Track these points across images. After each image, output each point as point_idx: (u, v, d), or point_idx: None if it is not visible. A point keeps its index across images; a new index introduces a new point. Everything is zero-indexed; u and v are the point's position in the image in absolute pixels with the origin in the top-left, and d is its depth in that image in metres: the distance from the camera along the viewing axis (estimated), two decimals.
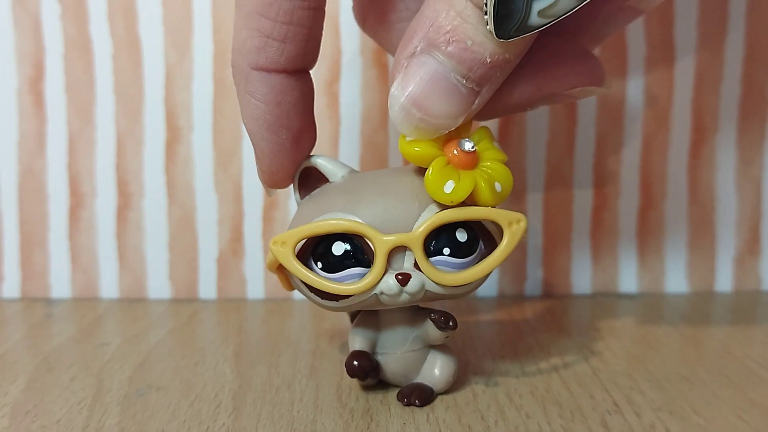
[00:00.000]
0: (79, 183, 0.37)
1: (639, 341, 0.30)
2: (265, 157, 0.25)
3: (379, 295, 0.23)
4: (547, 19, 0.20)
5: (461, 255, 0.23)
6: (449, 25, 0.21)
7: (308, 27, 0.23)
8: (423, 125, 0.22)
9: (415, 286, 0.23)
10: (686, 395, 0.25)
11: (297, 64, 0.24)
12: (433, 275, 0.23)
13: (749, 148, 0.37)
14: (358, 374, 0.24)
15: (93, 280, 0.37)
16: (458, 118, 0.22)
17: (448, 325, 0.24)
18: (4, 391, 0.26)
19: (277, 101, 0.24)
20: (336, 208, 0.24)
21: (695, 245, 0.37)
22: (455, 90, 0.21)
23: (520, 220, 0.23)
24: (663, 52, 0.36)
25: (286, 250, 0.23)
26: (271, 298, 0.37)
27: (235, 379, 0.27)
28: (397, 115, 0.22)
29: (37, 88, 0.36)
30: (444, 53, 0.21)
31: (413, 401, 0.24)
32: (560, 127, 0.36)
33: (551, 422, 0.23)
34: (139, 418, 0.24)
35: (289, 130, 0.24)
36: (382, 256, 0.23)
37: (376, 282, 0.23)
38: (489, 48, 0.21)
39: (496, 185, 0.23)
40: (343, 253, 0.23)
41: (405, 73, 0.21)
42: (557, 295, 0.37)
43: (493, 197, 0.23)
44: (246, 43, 0.23)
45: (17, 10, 0.36)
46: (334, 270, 0.23)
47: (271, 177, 0.25)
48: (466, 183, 0.23)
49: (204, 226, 0.37)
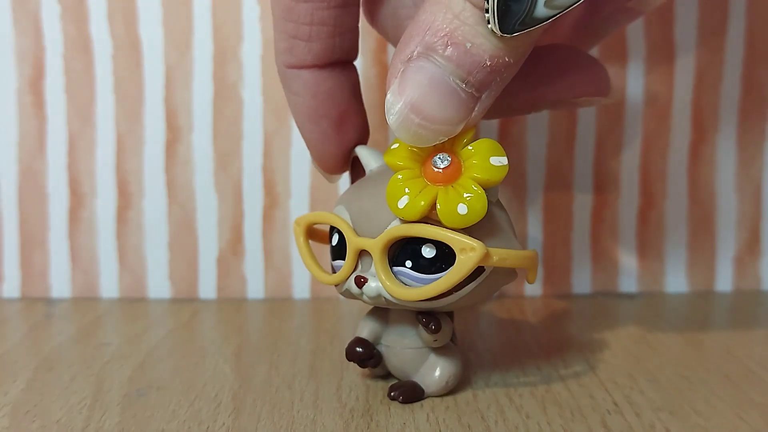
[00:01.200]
0: (79, 183, 0.37)
1: (639, 341, 0.30)
2: (312, 145, 0.27)
3: (352, 291, 0.24)
4: (553, 11, 0.19)
5: (424, 271, 0.23)
6: (447, 27, 0.20)
7: (332, 25, 0.24)
8: (422, 131, 0.21)
9: (371, 291, 0.23)
10: (686, 395, 0.25)
11: (326, 59, 0.25)
12: (386, 285, 0.23)
13: (749, 148, 0.37)
14: (355, 360, 0.25)
15: (93, 280, 0.37)
16: (458, 124, 0.21)
17: (428, 327, 0.24)
18: (4, 391, 0.26)
19: (312, 93, 0.25)
20: (342, 200, 0.25)
21: (695, 245, 0.37)
22: (455, 94, 0.21)
23: (474, 248, 0.22)
24: (663, 52, 0.36)
25: (299, 229, 0.26)
26: (271, 298, 0.37)
27: (235, 379, 0.27)
28: (394, 122, 0.21)
29: (37, 88, 0.36)
30: (442, 56, 0.20)
31: (397, 396, 0.24)
32: (560, 127, 0.36)
33: (551, 422, 0.23)
34: (139, 418, 0.24)
35: (329, 118, 0.26)
36: (351, 255, 0.24)
37: (344, 278, 0.24)
38: (489, 50, 0.20)
39: (459, 207, 0.22)
40: (336, 244, 0.25)
41: (402, 77, 0.21)
42: (557, 295, 0.37)
43: (453, 219, 0.22)
44: (278, 45, 0.25)
45: (17, 10, 0.36)
46: (334, 257, 0.25)
47: (323, 163, 0.27)
48: (422, 200, 0.22)
49: (204, 226, 0.37)
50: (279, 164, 0.36)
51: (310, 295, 0.37)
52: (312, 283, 0.37)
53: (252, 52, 0.36)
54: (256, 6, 0.36)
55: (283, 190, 0.37)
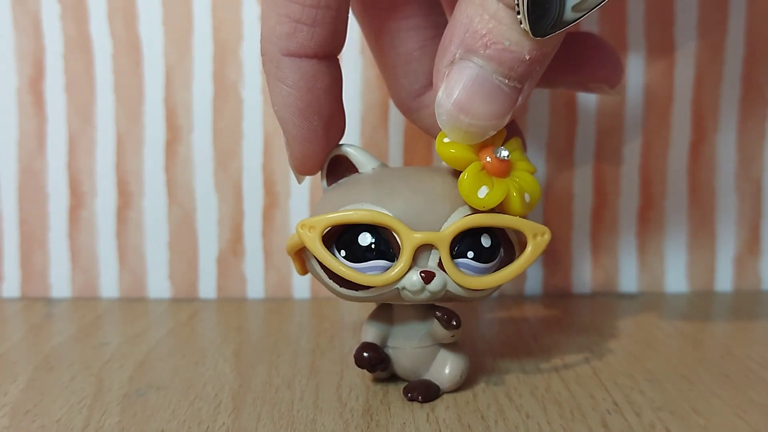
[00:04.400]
0: (79, 183, 0.37)
1: (639, 341, 0.30)
2: (296, 143, 0.25)
3: (401, 290, 0.23)
4: (581, 13, 0.20)
5: (483, 260, 0.24)
6: (484, 28, 0.21)
7: (335, 9, 0.24)
8: (472, 129, 0.22)
9: (437, 285, 0.23)
10: (686, 395, 0.25)
11: (327, 49, 0.24)
12: (456, 277, 0.23)
13: (749, 148, 0.37)
14: (365, 365, 0.25)
15: (93, 280, 0.37)
16: (505, 117, 0.22)
17: (451, 324, 0.24)
18: (4, 391, 0.26)
19: (309, 87, 0.24)
20: (366, 199, 0.24)
21: (695, 245, 0.37)
22: (499, 91, 0.22)
23: (544, 232, 0.24)
24: (663, 52, 0.36)
25: (313, 234, 0.23)
26: (271, 298, 0.37)
27: (235, 379, 0.27)
28: (445, 123, 0.22)
29: (37, 88, 0.36)
30: (483, 57, 0.21)
31: (416, 396, 0.24)
32: (560, 127, 0.36)
33: (551, 422, 0.23)
34: (139, 417, 0.24)
35: (321, 116, 0.25)
36: (409, 252, 0.23)
37: (401, 276, 0.23)
38: (527, 46, 0.21)
39: (525, 195, 0.23)
40: (368, 245, 0.24)
41: (447, 80, 0.22)
42: (557, 295, 0.37)
43: (522, 207, 0.23)
44: (275, 29, 0.23)
45: (17, 10, 0.36)
46: (358, 260, 0.24)
47: (302, 164, 0.26)
48: (500, 190, 0.23)
49: (204, 226, 0.37)
50: (279, 164, 0.36)
51: (310, 295, 0.37)
52: (312, 283, 0.37)
53: (252, 52, 0.36)
54: (256, 6, 0.36)
55: (283, 190, 0.37)
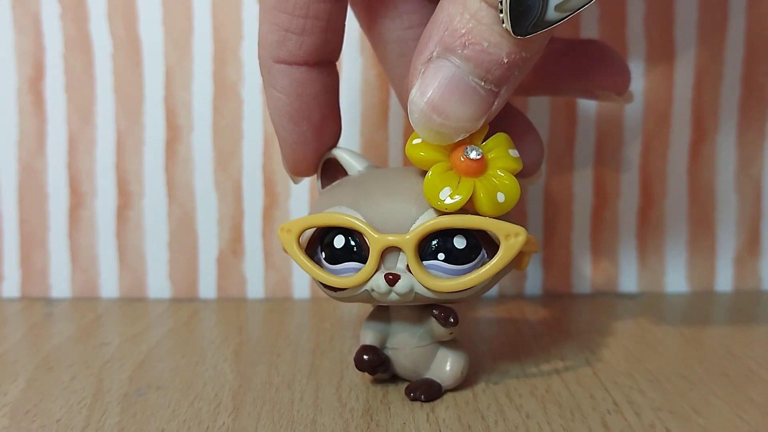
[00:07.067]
0: (79, 182, 0.37)
1: (639, 341, 0.30)
2: (288, 147, 0.26)
3: (370, 291, 0.23)
4: (564, 13, 0.20)
5: (457, 261, 0.23)
6: (464, 28, 0.20)
7: (325, 20, 0.24)
8: (444, 130, 0.22)
9: (403, 287, 0.23)
10: (686, 395, 0.25)
11: (317, 57, 0.24)
12: (423, 279, 0.23)
13: (749, 148, 0.37)
14: (366, 368, 0.25)
15: (93, 280, 0.37)
16: (479, 120, 0.22)
17: (448, 321, 0.24)
18: (4, 391, 0.26)
19: (298, 93, 0.24)
20: (343, 202, 0.24)
21: (695, 245, 0.37)
22: (474, 93, 0.21)
23: (518, 233, 0.23)
24: (663, 52, 0.36)
25: (290, 237, 0.24)
26: (271, 298, 0.37)
27: (235, 378, 0.27)
28: (417, 122, 0.22)
29: (37, 88, 0.36)
30: (460, 57, 0.21)
31: (419, 396, 0.24)
32: (560, 127, 0.36)
33: (551, 422, 0.23)
34: (139, 417, 0.24)
35: (310, 121, 0.25)
36: (376, 254, 0.23)
37: (367, 278, 0.23)
38: (505, 48, 0.20)
39: (498, 195, 0.22)
40: (342, 247, 0.24)
41: (423, 78, 0.21)
42: (557, 295, 0.37)
43: (492, 207, 0.22)
44: (267, 37, 0.24)
45: (17, 9, 0.36)
46: (336, 261, 0.24)
47: (294, 166, 0.26)
48: (464, 191, 0.22)
49: (204, 226, 0.37)
50: (279, 164, 0.36)
51: (310, 295, 0.37)
52: (312, 282, 0.37)
53: (252, 52, 0.36)
54: (256, 6, 0.36)
55: (283, 190, 0.37)
